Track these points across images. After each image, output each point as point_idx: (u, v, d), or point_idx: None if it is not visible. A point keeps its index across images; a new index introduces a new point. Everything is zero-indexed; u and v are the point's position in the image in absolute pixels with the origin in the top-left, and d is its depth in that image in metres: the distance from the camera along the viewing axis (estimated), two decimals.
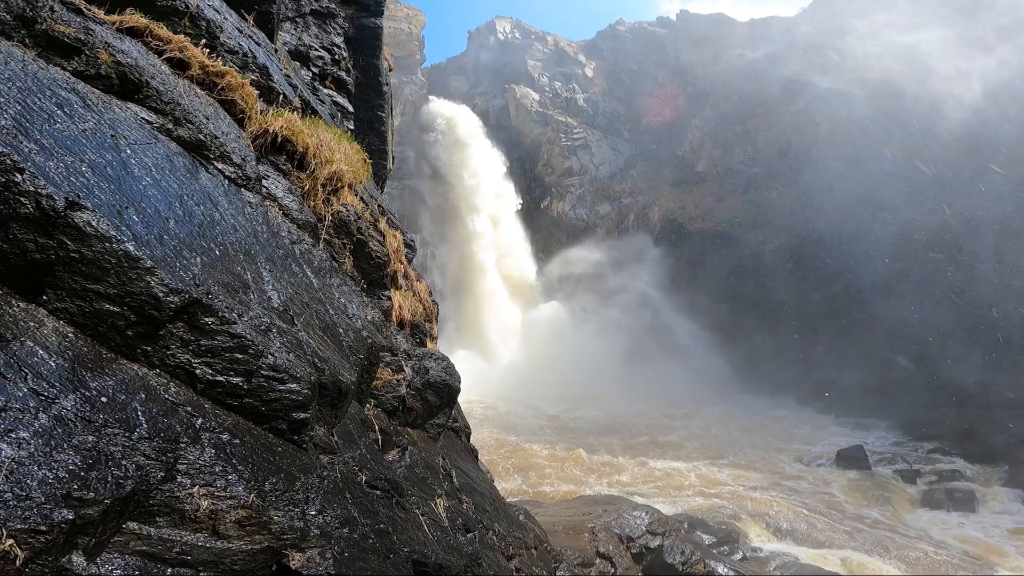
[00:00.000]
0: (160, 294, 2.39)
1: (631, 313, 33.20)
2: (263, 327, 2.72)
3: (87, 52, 3.05)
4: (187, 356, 2.43)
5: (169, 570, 2.02)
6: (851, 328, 26.67)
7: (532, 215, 40.12)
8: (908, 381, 23.28)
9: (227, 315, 2.55)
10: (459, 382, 4.92)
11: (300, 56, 10.32)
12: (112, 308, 2.31)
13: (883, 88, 30.99)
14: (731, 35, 42.76)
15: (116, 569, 1.92)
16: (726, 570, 8.81)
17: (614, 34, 50.08)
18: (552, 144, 41.40)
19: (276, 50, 6.89)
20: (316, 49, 10.84)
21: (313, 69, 10.59)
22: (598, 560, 8.44)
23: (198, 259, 2.70)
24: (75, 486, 1.83)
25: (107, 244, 2.34)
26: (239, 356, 2.53)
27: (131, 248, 2.40)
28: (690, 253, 33.94)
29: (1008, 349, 21.27)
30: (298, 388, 2.66)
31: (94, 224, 2.33)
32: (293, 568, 2.32)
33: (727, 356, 28.65)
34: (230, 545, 2.16)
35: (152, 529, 2.03)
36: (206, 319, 2.50)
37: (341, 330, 3.49)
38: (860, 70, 32.59)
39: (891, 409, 22.63)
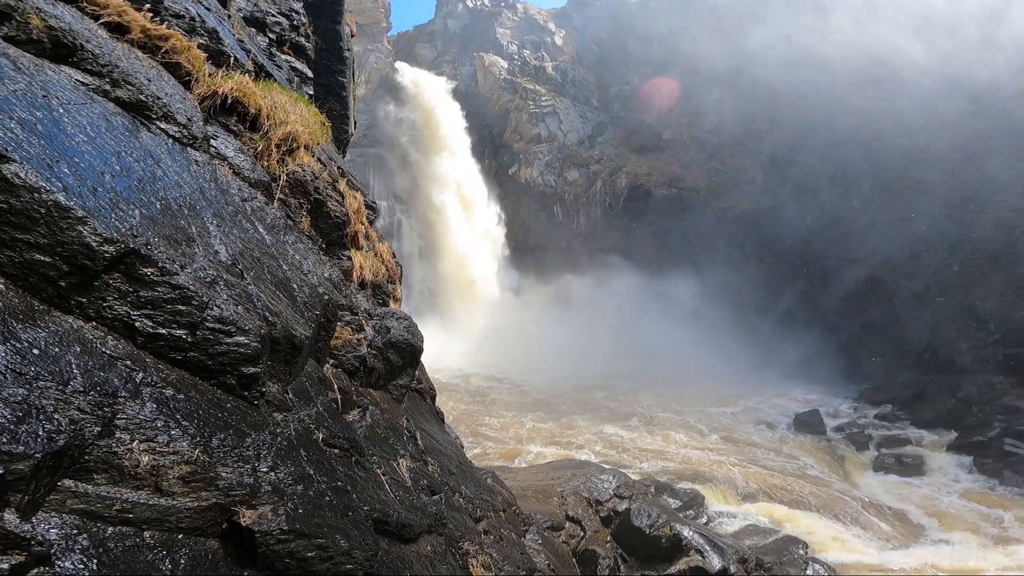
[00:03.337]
0: (93, 243, 2.29)
1: (597, 284, 33.46)
2: (209, 279, 2.62)
3: (17, 17, 2.97)
4: (125, 308, 2.33)
5: (110, 529, 1.95)
6: (809, 294, 27.37)
7: (500, 181, 39.90)
8: (863, 347, 24.04)
9: (168, 266, 2.45)
10: (422, 341, 4.86)
11: (256, 22, 9.97)
12: (43, 258, 2.24)
13: (845, 61, 31.35)
14: (700, 4, 42.57)
15: (53, 528, 1.85)
16: (691, 533, 8.97)
17: (584, 2, 49.46)
18: (520, 111, 41.03)
19: (229, 16, 6.68)
20: (273, 15, 10.50)
21: (270, 35, 10.25)
22: (568, 523, 8.57)
23: (136, 211, 2.58)
24: (4, 439, 1.74)
25: (36, 194, 2.28)
26: (182, 308, 2.43)
27: (61, 198, 2.33)
28: (656, 220, 34.29)
29: (955, 315, 22.02)
30: (247, 341, 2.58)
31: (22, 175, 2.27)
32: (244, 525, 2.26)
33: (689, 325, 29.14)
34: (175, 502, 2.09)
35: (90, 487, 1.95)
36: (145, 270, 2.40)
37: (295, 285, 3.39)
38: (821, 42, 32.87)
39: (847, 374, 23.40)
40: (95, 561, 1.85)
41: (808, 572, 9.65)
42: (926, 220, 24.94)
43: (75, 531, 1.88)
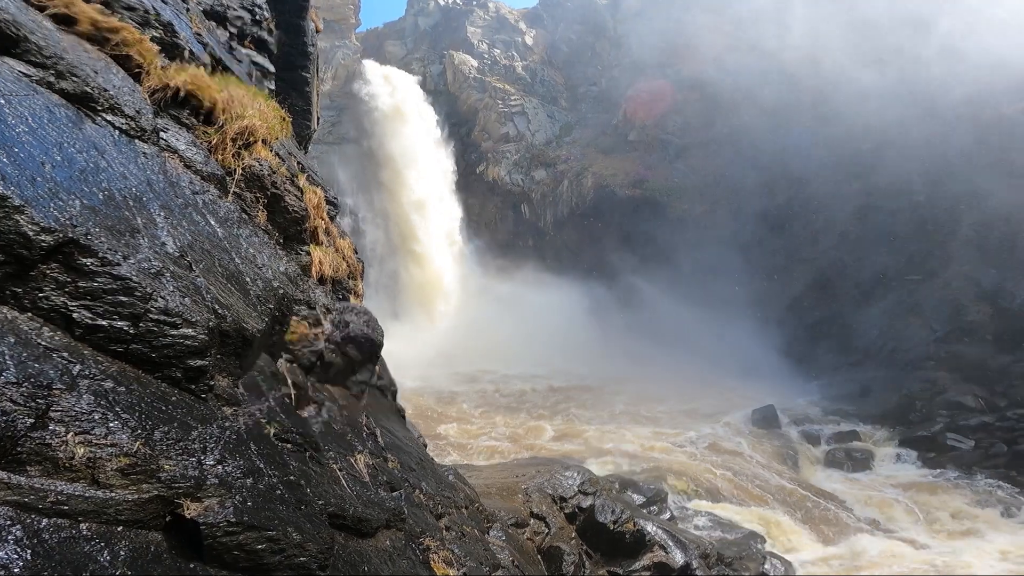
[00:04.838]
0: (30, 233, 2.24)
1: (564, 284, 33.64)
2: (154, 271, 2.57)
3: None
4: (63, 299, 2.28)
5: (45, 520, 1.91)
6: (764, 293, 28.09)
7: (468, 180, 39.77)
8: (815, 344, 24.74)
9: (109, 256, 2.40)
10: (382, 336, 4.83)
11: (217, 16, 9.78)
12: None
13: (803, 65, 32.21)
14: (667, 8, 43.16)
15: None
16: (654, 529, 9.03)
17: (555, 3, 49.72)
18: (489, 110, 41.02)
19: (188, 9, 6.55)
20: (235, 9, 10.30)
21: (231, 29, 10.06)
22: (532, 520, 8.57)
23: (77, 202, 2.53)
24: None
25: None
26: (123, 299, 2.39)
27: None
28: (621, 220, 34.72)
29: (900, 313, 22.76)
30: (193, 333, 2.54)
31: None
32: (189, 517, 2.23)
33: (651, 323, 29.51)
34: (113, 495, 2.06)
35: (23, 478, 1.91)
36: (84, 260, 2.34)
37: (248, 279, 3.35)
38: (781, 48, 33.68)
39: (801, 371, 24.04)
40: (29, 552, 1.82)
41: (766, 566, 9.85)
42: (874, 222, 25.86)
43: (8, 522, 1.85)
